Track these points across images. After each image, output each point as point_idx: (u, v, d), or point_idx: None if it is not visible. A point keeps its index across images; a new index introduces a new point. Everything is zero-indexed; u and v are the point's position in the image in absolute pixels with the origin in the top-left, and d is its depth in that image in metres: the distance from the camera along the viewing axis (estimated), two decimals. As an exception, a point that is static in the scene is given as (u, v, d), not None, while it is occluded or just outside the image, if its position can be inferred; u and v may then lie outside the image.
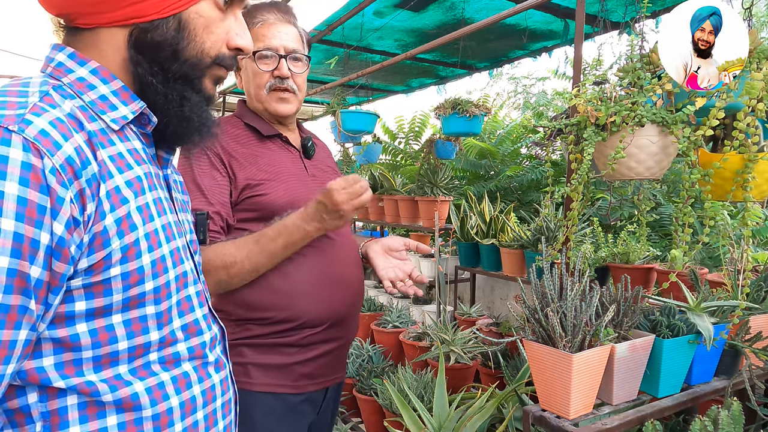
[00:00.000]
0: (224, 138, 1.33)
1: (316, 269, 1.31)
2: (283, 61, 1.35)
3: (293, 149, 1.42)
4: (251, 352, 1.27)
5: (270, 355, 1.28)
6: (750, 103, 1.24)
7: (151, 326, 0.69)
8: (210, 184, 1.27)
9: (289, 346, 1.29)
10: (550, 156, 1.81)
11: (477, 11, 2.96)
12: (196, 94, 0.74)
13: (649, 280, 1.96)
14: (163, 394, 0.71)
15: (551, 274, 1.20)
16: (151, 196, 0.71)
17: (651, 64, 1.42)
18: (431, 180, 3.59)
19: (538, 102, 6.35)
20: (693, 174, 1.33)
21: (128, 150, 0.70)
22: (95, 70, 0.69)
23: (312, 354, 1.31)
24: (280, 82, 1.35)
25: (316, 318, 1.30)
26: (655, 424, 1.07)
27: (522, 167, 4.89)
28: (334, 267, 1.34)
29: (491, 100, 6.97)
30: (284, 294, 1.27)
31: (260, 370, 1.27)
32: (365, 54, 3.76)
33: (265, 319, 1.27)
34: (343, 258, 1.38)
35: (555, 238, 2.42)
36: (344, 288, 1.36)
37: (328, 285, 1.32)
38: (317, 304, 1.30)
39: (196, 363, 0.77)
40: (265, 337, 1.28)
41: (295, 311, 1.27)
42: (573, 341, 1.09)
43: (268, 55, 1.34)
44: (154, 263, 0.68)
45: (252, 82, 1.38)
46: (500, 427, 1.85)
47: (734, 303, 1.27)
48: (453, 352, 2.70)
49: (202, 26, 0.71)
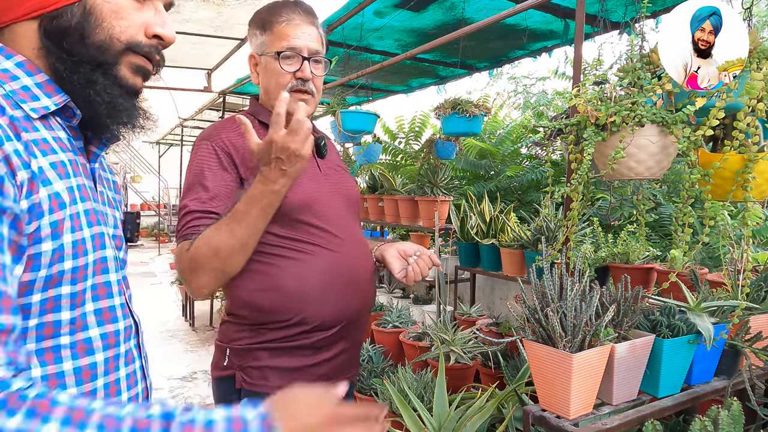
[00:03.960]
0: (237, 137, 1.31)
1: (326, 271, 1.30)
2: (306, 63, 1.33)
3: None
4: (267, 356, 1.28)
5: (285, 358, 1.29)
6: (750, 103, 1.24)
7: (63, 305, 0.70)
8: (215, 184, 1.25)
9: (304, 349, 1.30)
10: (550, 156, 1.82)
11: (477, 11, 2.96)
12: (105, 79, 0.75)
13: (649, 280, 1.96)
14: (61, 384, 0.71)
15: (551, 274, 1.19)
16: (76, 181, 0.73)
17: (651, 64, 1.42)
18: (431, 180, 3.59)
19: (538, 102, 6.35)
20: (693, 174, 1.33)
21: (53, 137, 0.73)
22: (20, 63, 0.72)
23: (326, 356, 1.32)
24: (301, 84, 1.34)
25: (328, 321, 1.30)
26: (655, 424, 1.07)
27: (522, 167, 4.89)
28: (344, 267, 1.33)
29: (491, 100, 6.96)
30: (296, 297, 1.27)
31: (277, 372, 1.28)
32: (365, 54, 3.76)
33: (278, 323, 1.28)
34: (353, 258, 1.37)
35: (555, 238, 2.42)
36: (355, 289, 1.36)
37: (339, 287, 1.32)
38: (329, 307, 1.30)
39: (108, 353, 0.77)
40: (280, 341, 1.28)
41: (307, 315, 1.28)
42: (573, 341, 1.09)
43: (291, 55, 1.33)
44: (75, 243, 0.71)
45: (272, 81, 1.36)
46: (500, 427, 1.85)
47: (734, 303, 1.27)
48: (453, 352, 2.70)
49: (109, 11, 0.73)
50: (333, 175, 1.44)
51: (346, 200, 1.43)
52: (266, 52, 1.35)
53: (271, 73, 1.35)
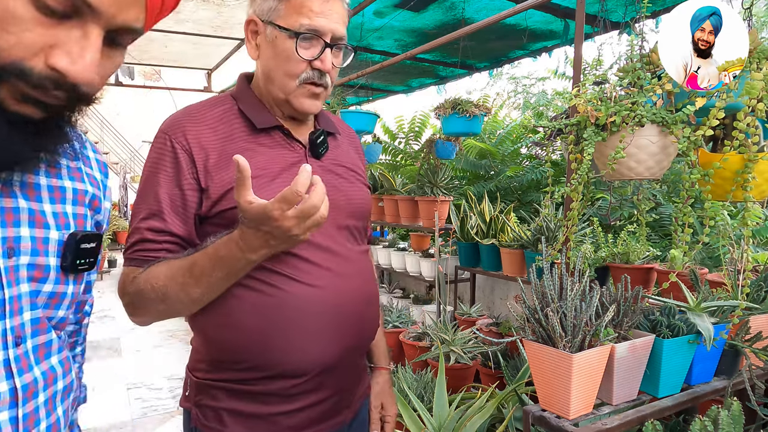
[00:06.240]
0: (203, 129, 1.04)
1: (296, 308, 1.02)
2: (328, 51, 1.05)
3: (297, 145, 1.11)
4: (226, 397, 1.05)
5: (245, 402, 1.04)
6: (750, 103, 1.24)
7: None
8: (170, 193, 1.01)
9: (268, 395, 1.04)
10: (550, 156, 1.82)
11: (477, 11, 2.96)
12: None
13: (649, 280, 1.96)
14: None
15: (551, 274, 1.19)
16: None
17: (651, 64, 1.42)
18: (431, 180, 3.60)
19: (538, 102, 6.36)
20: (693, 174, 1.33)
21: None
22: None
23: (298, 405, 1.05)
24: (318, 76, 1.06)
25: (295, 368, 1.03)
26: (655, 424, 1.07)
27: (522, 167, 4.89)
28: (323, 304, 1.04)
29: (491, 100, 6.96)
30: (254, 338, 1.01)
31: (235, 418, 1.05)
32: (365, 54, 3.76)
33: (235, 363, 1.04)
34: (340, 292, 1.07)
35: (555, 238, 2.42)
36: (337, 330, 1.06)
37: (313, 328, 1.03)
38: (296, 352, 1.02)
39: None
40: (238, 383, 1.04)
41: (268, 359, 1.02)
42: (573, 341, 1.09)
43: (311, 38, 1.03)
44: None
45: (280, 66, 1.06)
46: (500, 427, 1.85)
47: (734, 303, 1.27)
48: (453, 352, 2.70)
49: None
50: (333, 180, 1.12)
51: (347, 213, 1.13)
52: (276, 24, 1.03)
53: (280, 54, 1.05)
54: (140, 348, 5.01)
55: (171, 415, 3.55)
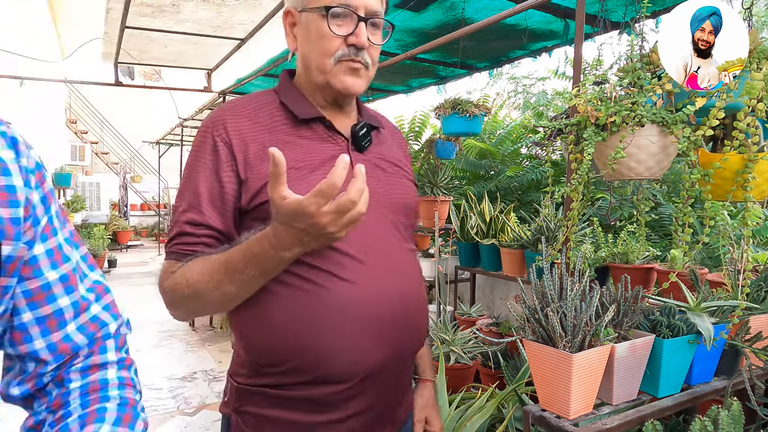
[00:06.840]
0: (243, 122, 1.02)
1: (333, 308, 0.97)
2: (362, 26, 1.00)
3: (340, 138, 1.07)
4: (266, 404, 1.01)
5: (285, 410, 1.00)
6: (750, 103, 1.24)
7: None
8: (210, 188, 0.99)
9: (307, 402, 1.00)
10: (550, 156, 1.82)
11: (477, 11, 2.96)
12: None
13: (649, 280, 1.96)
14: None
15: (551, 274, 1.19)
16: None
17: (651, 64, 1.42)
18: (431, 180, 3.60)
19: (538, 102, 6.35)
20: (693, 174, 1.33)
21: None
22: None
23: (339, 415, 1.00)
24: (354, 52, 1.01)
25: (333, 372, 0.98)
26: (655, 424, 1.07)
27: (522, 167, 4.89)
28: (364, 305, 0.99)
29: (491, 100, 6.96)
30: (288, 338, 0.97)
31: (275, 426, 1.00)
32: (365, 54, 3.76)
33: (271, 366, 1.00)
34: (384, 291, 1.02)
35: (555, 238, 2.42)
36: (379, 333, 1.01)
37: (352, 330, 0.98)
38: (335, 355, 0.97)
39: None
40: (277, 388, 1.00)
41: (302, 363, 0.97)
42: (573, 341, 1.09)
43: (343, 13, 0.99)
44: None
45: (315, 47, 1.02)
46: (500, 427, 1.85)
47: (734, 303, 1.27)
48: (453, 352, 2.70)
49: None
50: (378, 175, 1.09)
51: (393, 210, 1.09)
52: (308, 7, 1.02)
53: (314, 35, 1.02)
54: (140, 348, 5.01)
55: (171, 415, 3.55)
